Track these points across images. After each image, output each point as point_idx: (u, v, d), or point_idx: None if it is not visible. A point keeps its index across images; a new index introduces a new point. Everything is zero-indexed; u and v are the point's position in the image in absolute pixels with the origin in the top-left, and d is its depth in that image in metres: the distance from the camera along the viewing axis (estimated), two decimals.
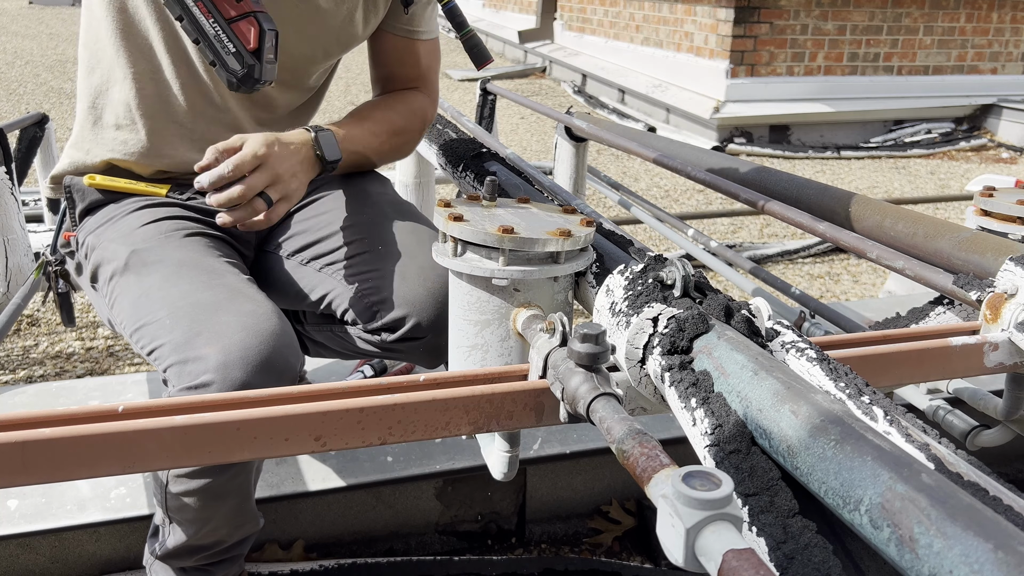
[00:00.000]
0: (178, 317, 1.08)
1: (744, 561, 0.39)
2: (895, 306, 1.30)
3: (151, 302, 1.12)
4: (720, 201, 4.53)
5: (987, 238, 0.98)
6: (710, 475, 0.44)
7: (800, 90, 6.24)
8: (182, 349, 1.04)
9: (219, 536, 1.27)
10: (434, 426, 0.67)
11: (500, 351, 0.85)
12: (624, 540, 1.90)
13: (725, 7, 6.01)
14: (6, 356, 2.73)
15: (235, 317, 1.06)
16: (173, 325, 1.07)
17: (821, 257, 3.76)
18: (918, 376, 0.80)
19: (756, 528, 0.51)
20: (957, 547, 0.38)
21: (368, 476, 1.72)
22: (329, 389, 0.67)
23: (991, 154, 6.12)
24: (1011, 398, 0.95)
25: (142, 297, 1.14)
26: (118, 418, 0.61)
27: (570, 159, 2.14)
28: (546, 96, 7.75)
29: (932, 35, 6.48)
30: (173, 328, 1.07)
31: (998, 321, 0.83)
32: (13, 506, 1.60)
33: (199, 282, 1.14)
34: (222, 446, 0.61)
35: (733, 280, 1.84)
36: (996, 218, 1.21)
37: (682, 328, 0.66)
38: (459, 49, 1.50)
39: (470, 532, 1.88)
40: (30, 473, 0.57)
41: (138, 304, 1.14)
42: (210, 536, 1.25)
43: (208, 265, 1.19)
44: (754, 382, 0.58)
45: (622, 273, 0.77)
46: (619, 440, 0.54)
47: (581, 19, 8.67)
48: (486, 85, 2.54)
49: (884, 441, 0.48)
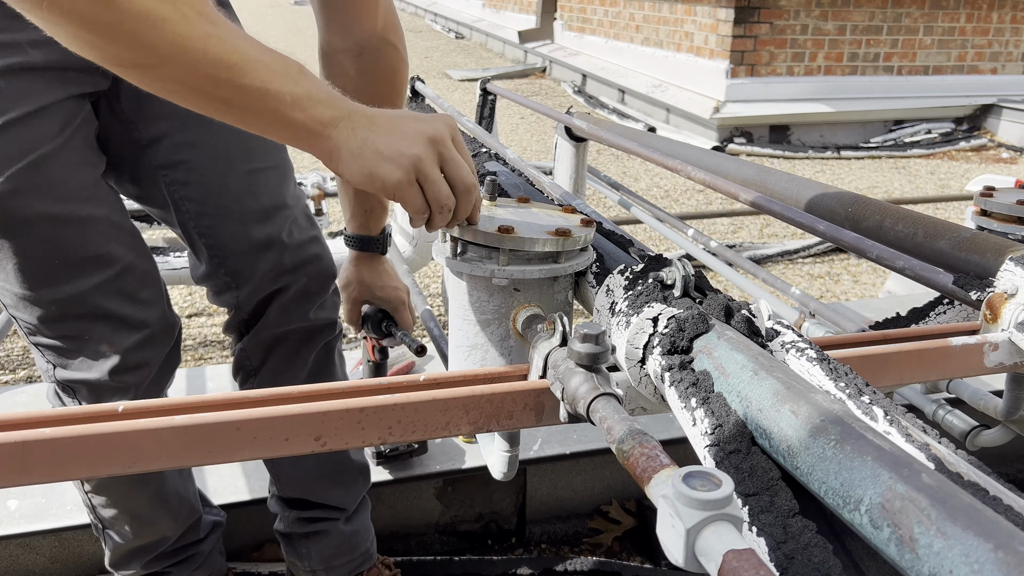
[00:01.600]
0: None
1: (744, 561, 0.39)
2: (895, 306, 1.30)
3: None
4: (720, 201, 4.53)
5: (987, 238, 0.97)
6: (710, 475, 0.44)
7: (800, 90, 6.24)
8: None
9: (161, 532, 1.24)
10: (434, 426, 0.67)
11: (500, 351, 0.85)
12: (624, 540, 1.90)
13: (725, 7, 6.01)
14: (6, 356, 2.73)
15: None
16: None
17: (821, 257, 3.76)
18: (918, 376, 0.80)
19: (756, 528, 0.51)
20: (957, 547, 0.38)
21: None
22: (329, 389, 0.67)
23: (991, 154, 6.12)
24: (1011, 398, 0.95)
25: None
26: (118, 418, 0.61)
27: (570, 159, 2.14)
28: (546, 96, 7.75)
29: (932, 35, 6.48)
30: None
31: (998, 321, 0.83)
32: (13, 506, 1.60)
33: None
34: (222, 446, 0.61)
35: (733, 280, 1.84)
36: (996, 218, 1.21)
37: (682, 328, 0.66)
38: (459, 49, 1.40)
39: (470, 532, 1.88)
40: (30, 473, 0.57)
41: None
42: (150, 534, 1.23)
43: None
44: (754, 382, 0.58)
45: (622, 273, 0.77)
46: (619, 440, 0.54)
47: (581, 19, 8.67)
48: (486, 85, 2.54)
49: (884, 441, 0.48)
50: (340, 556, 1.46)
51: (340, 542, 1.45)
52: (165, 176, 1.18)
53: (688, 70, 6.54)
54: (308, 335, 1.31)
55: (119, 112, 1.13)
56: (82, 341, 1.08)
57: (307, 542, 1.44)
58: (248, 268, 1.23)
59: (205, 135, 1.17)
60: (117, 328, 1.09)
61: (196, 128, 1.17)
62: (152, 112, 1.14)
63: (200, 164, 1.18)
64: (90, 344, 1.08)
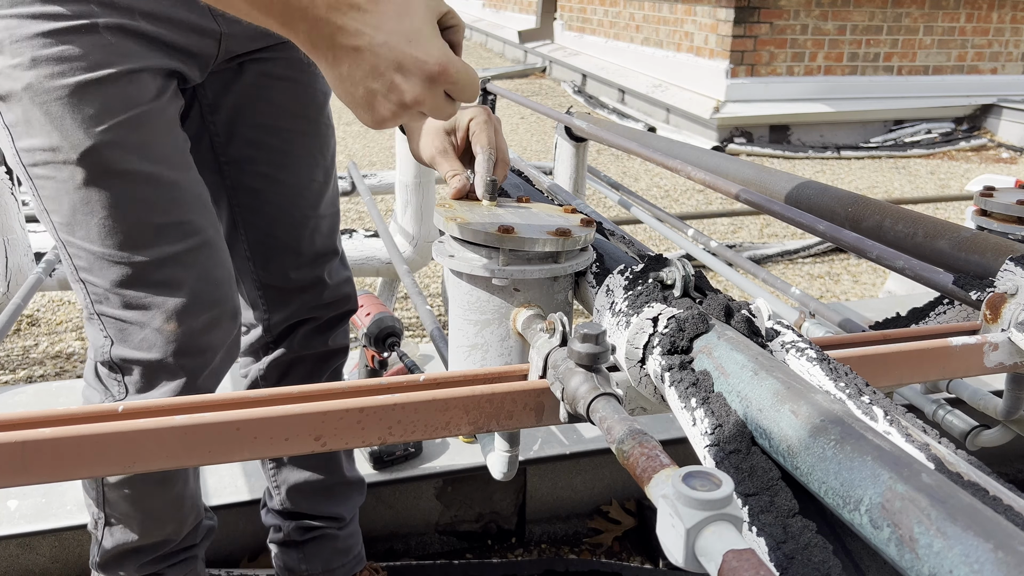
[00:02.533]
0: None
1: (744, 561, 0.39)
2: (895, 306, 1.30)
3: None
4: (720, 201, 4.53)
5: (987, 238, 0.97)
6: (710, 475, 0.44)
7: (800, 90, 6.25)
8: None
9: (166, 533, 1.23)
10: (434, 426, 0.67)
11: (500, 351, 0.85)
12: (624, 540, 1.90)
13: (725, 7, 6.01)
14: (6, 356, 2.73)
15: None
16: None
17: (821, 257, 3.76)
18: (918, 376, 0.80)
19: (756, 528, 0.51)
20: (957, 547, 0.38)
21: (368, 476, 1.72)
22: (329, 389, 0.67)
23: (991, 154, 6.12)
24: (1011, 398, 0.95)
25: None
26: (118, 418, 0.61)
27: (570, 159, 2.14)
28: (546, 96, 7.75)
29: (932, 35, 6.48)
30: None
31: (998, 321, 0.83)
32: (13, 506, 1.60)
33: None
34: (222, 446, 0.61)
35: (733, 280, 1.84)
36: (996, 218, 1.21)
37: (682, 328, 0.66)
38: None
39: (470, 532, 1.88)
40: (30, 473, 0.57)
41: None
42: (156, 533, 1.22)
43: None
44: (754, 382, 0.58)
45: (622, 273, 0.77)
46: (619, 440, 0.54)
47: (581, 19, 8.67)
48: (486, 85, 2.54)
49: (884, 441, 0.48)
50: (337, 559, 1.47)
51: (337, 546, 1.47)
52: (234, 197, 1.22)
53: (688, 70, 6.54)
54: (324, 358, 1.37)
55: (209, 123, 1.17)
56: (151, 313, 1.05)
57: (306, 548, 1.45)
58: (287, 300, 1.29)
59: (285, 174, 1.21)
60: (190, 305, 1.05)
61: (279, 163, 1.21)
62: (242, 136, 1.18)
63: (273, 199, 1.22)
64: (157, 319, 1.05)
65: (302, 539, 1.45)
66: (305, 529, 1.45)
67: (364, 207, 4.30)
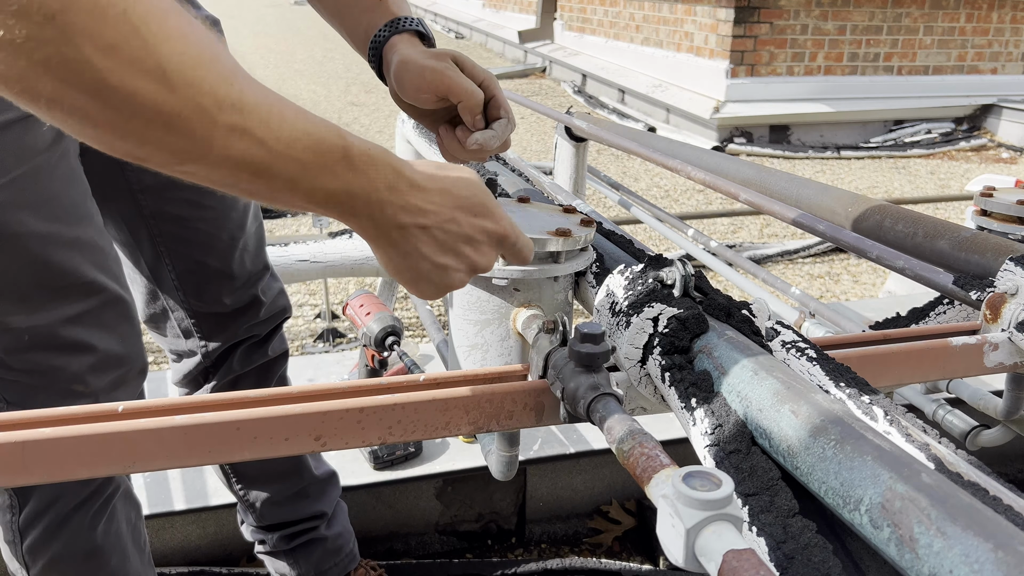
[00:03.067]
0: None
1: (744, 561, 0.39)
2: (895, 306, 1.30)
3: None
4: (720, 201, 4.53)
5: (987, 238, 0.97)
6: (710, 475, 0.44)
7: (800, 90, 6.24)
8: None
9: None
10: (434, 426, 0.67)
11: (500, 351, 0.85)
12: (624, 540, 1.90)
13: (725, 7, 6.01)
14: None
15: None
16: None
17: (821, 257, 3.76)
18: (918, 376, 0.80)
19: (756, 528, 0.51)
20: (957, 547, 0.38)
21: (368, 476, 1.72)
22: (329, 389, 0.67)
23: (991, 154, 6.12)
24: (1011, 398, 0.95)
25: None
26: (118, 418, 0.61)
27: (570, 159, 2.14)
28: (546, 96, 7.74)
29: (932, 35, 6.47)
30: None
31: (998, 321, 0.83)
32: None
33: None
34: (222, 446, 0.61)
35: (733, 280, 1.84)
36: (996, 218, 1.21)
37: (682, 328, 0.66)
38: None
39: (470, 532, 1.88)
40: (30, 473, 0.57)
41: None
42: None
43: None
44: (754, 382, 0.58)
45: (622, 273, 0.77)
46: (619, 440, 0.54)
47: (581, 19, 8.67)
48: None
49: (884, 441, 0.48)
50: (328, 559, 1.47)
51: (325, 547, 1.46)
52: (155, 227, 1.14)
53: (688, 70, 6.54)
54: (266, 369, 1.34)
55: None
56: (51, 377, 0.97)
57: (295, 554, 1.45)
58: (224, 325, 1.25)
59: (210, 197, 1.14)
60: (95, 365, 0.99)
61: (202, 187, 1.12)
62: None
63: (200, 226, 1.15)
64: (59, 382, 0.97)
65: (289, 547, 1.44)
66: (290, 537, 1.43)
67: None
